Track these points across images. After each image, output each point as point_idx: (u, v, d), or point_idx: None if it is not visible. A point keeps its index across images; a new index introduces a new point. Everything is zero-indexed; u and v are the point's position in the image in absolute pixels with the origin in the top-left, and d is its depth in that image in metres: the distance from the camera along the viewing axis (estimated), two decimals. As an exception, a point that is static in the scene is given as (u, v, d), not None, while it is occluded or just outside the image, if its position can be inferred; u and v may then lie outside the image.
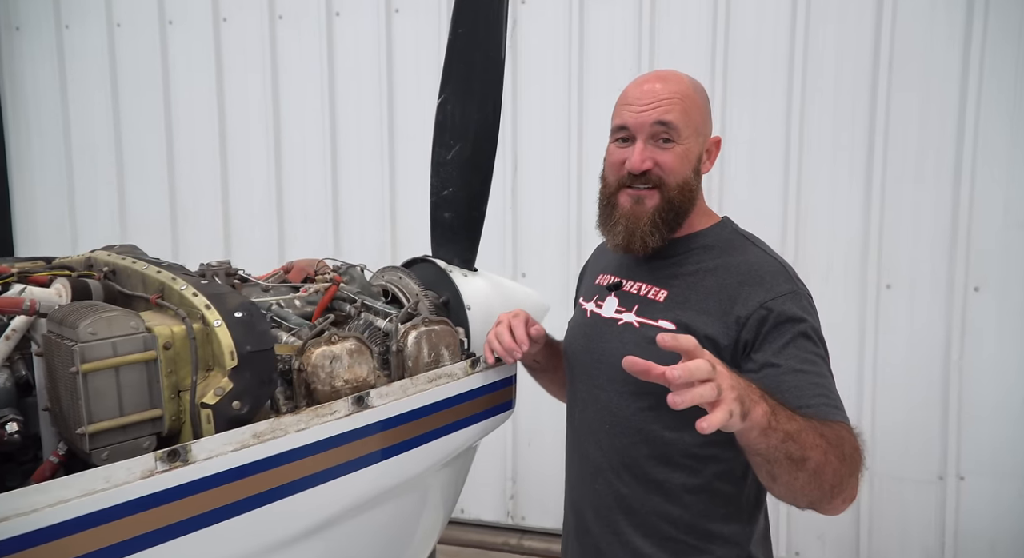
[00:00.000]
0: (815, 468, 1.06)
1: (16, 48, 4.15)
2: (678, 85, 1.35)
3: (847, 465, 1.11)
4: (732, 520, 1.32)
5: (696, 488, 1.30)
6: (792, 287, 1.28)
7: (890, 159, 3.03)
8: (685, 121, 1.33)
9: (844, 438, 1.13)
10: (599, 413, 1.40)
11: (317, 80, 3.67)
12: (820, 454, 1.07)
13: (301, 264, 1.72)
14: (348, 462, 1.22)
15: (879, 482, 3.14)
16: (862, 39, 3.02)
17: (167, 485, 1.01)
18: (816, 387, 1.20)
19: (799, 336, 1.23)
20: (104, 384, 1.06)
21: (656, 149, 1.33)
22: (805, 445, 1.06)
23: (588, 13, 3.31)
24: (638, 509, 1.33)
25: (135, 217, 4.04)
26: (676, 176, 1.33)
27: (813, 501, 1.12)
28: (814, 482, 1.08)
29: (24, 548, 0.88)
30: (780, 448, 1.04)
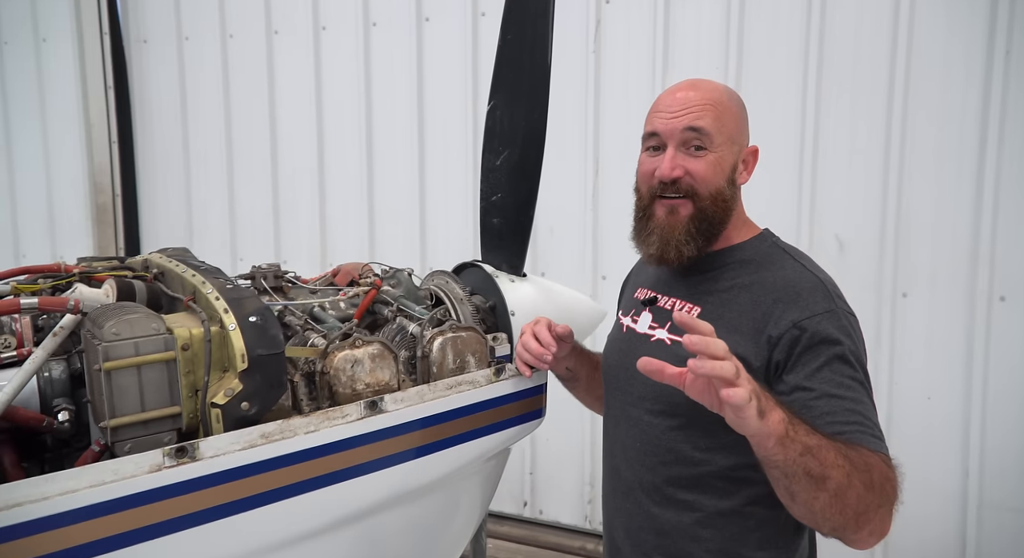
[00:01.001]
0: (836, 489, 1.02)
1: (144, 60, 4.50)
2: (711, 93, 1.31)
3: (875, 494, 1.05)
4: (768, 546, 1.26)
5: (728, 511, 1.25)
6: (829, 306, 1.21)
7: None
8: (718, 128, 1.28)
9: (873, 465, 1.06)
10: (631, 430, 1.38)
11: (406, 85, 3.78)
12: (842, 475, 1.02)
13: (348, 268, 1.77)
14: (358, 465, 1.25)
15: (992, 514, 2.90)
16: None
17: (174, 480, 1.07)
18: (851, 414, 1.13)
19: (834, 359, 1.17)
20: (126, 381, 1.13)
21: (687, 157, 1.29)
22: (825, 463, 1.02)
23: (673, 11, 3.24)
24: (668, 531, 1.30)
25: (242, 216, 4.30)
26: (708, 185, 1.29)
27: (836, 527, 1.07)
28: (836, 505, 1.03)
29: (34, 533, 0.96)
30: (799, 462, 1.01)
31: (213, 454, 1.11)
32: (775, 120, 3.08)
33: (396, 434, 1.30)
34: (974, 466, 2.89)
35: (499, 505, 3.82)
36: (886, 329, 2.99)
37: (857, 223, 3.02)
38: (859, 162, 2.98)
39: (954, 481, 2.93)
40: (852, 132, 2.99)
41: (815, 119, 3.03)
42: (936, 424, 2.94)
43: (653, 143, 1.33)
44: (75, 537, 0.99)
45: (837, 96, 3.00)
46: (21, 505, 0.96)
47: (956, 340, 2.89)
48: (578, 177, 3.45)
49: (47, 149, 4.62)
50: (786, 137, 3.07)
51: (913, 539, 3.01)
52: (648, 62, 3.29)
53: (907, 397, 2.98)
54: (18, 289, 1.40)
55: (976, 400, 2.87)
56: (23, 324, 1.35)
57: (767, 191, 3.08)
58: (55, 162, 4.61)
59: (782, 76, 3.07)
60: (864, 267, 3.01)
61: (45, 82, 4.57)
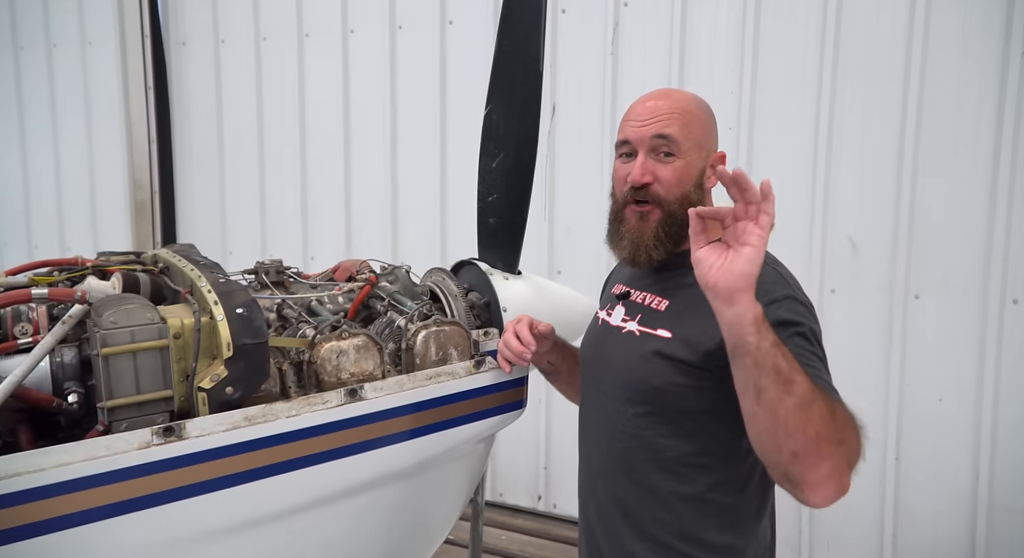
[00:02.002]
0: (801, 397, 1.03)
1: (183, 62, 4.68)
2: (679, 102, 1.37)
3: (837, 428, 1.04)
4: (727, 531, 1.31)
5: (689, 496, 1.30)
6: (789, 293, 1.25)
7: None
8: (685, 135, 1.34)
9: (839, 406, 1.08)
10: (601, 418, 1.44)
11: (430, 86, 3.87)
12: (807, 387, 1.04)
13: (347, 264, 1.87)
14: (337, 449, 1.33)
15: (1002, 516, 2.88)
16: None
17: (161, 457, 1.17)
18: (815, 378, 1.13)
19: (795, 336, 1.20)
20: (122, 366, 1.24)
21: (657, 163, 1.35)
22: (793, 366, 1.04)
23: (690, 14, 3.27)
24: (634, 512, 1.37)
25: (272, 214, 4.45)
26: (676, 190, 1.35)
27: (797, 453, 1.03)
28: (799, 418, 1.02)
29: (31, 501, 1.07)
30: (771, 352, 1.04)
31: (199, 434, 1.20)
32: (790, 121, 3.09)
33: (376, 421, 1.38)
34: (984, 468, 2.87)
35: (513, 498, 3.90)
36: (898, 330, 2.98)
37: (870, 225, 3.01)
38: (873, 163, 2.98)
39: (964, 482, 2.92)
40: (866, 133, 2.99)
41: (829, 120, 3.04)
42: (947, 426, 2.93)
43: (625, 150, 1.39)
44: (68, 506, 1.09)
45: (851, 97, 3.00)
46: (20, 475, 1.07)
47: (968, 342, 2.88)
48: (595, 178, 3.51)
49: (91, 147, 4.84)
50: (800, 138, 3.09)
51: (923, 539, 3.00)
52: (664, 64, 3.33)
53: (918, 398, 2.98)
54: (34, 280, 1.52)
55: (987, 402, 2.85)
56: (39, 313, 1.47)
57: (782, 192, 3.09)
58: (98, 159, 4.83)
59: (797, 78, 3.08)
60: (877, 269, 3.01)
61: (90, 83, 4.78)
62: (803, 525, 3.18)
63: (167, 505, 1.17)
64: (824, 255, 3.08)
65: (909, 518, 3.02)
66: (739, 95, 3.14)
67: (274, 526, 1.30)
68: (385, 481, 1.42)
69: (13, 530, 1.05)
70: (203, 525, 1.22)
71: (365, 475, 1.38)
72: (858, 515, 3.08)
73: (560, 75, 3.52)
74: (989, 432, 2.83)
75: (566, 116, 3.58)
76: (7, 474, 1.06)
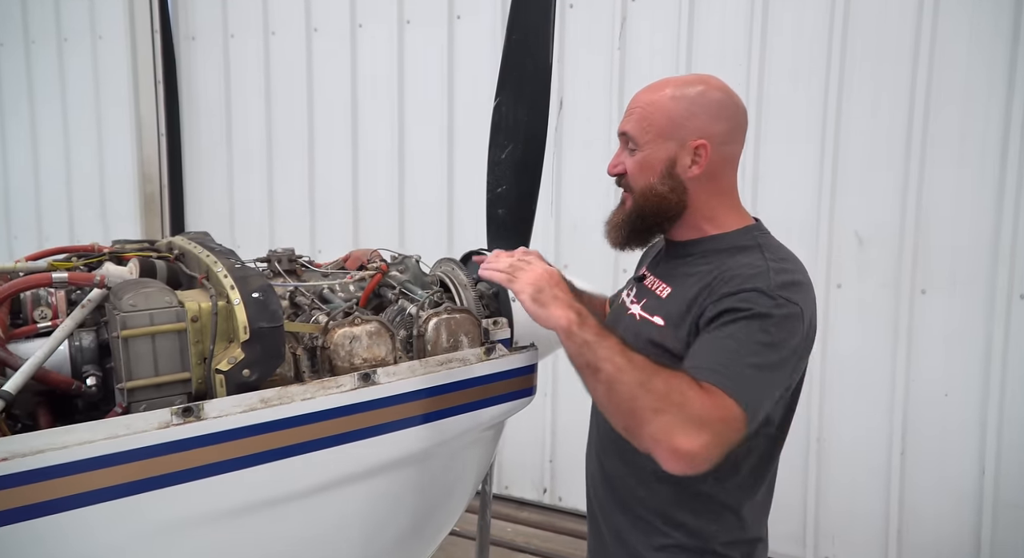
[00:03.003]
0: (607, 380, 1.16)
1: (192, 56, 4.71)
2: (654, 94, 1.39)
3: (651, 396, 1.12)
4: (701, 516, 1.35)
5: (666, 478, 1.32)
6: (760, 285, 1.23)
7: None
8: (641, 129, 1.37)
9: (664, 377, 1.14)
10: None
11: (438, 81, 3.89)
12: (612, 368, 1.15)
13: (357, 254, 1.89)
14: (351, 432, 1.36)
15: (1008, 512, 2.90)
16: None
17: (180, 437, 1.19)
18: (711, 356, 1.19)
19: (734, 321, 1.21)
20: (141, 348, 1.26)
21: (627, 154, 1.42)
22: (599, 356, 1.17)
23: (698, 8, 3.28)
24: (619, 487, 1.44)
25: (280, 207, 4.47)
26: (638, 181, 1.39)
27: (626, 427, 1.17)
28: (610, 397, 1.17)
29: (53, 477, 1.09)
30: (579, 354, 1.20)
31: (216, 415, 1.23)
32: (797, 115, 3.11)
33: (387, 405, 1.40)
34: (990, 464, 2.89)
35: (519, 491, 3.93)
36: (904, 326, 3.00)
37: (877, 219, 3.03)
38: (880, 158, 3.00)
39: (970, 478, 2.93)
40: (873, 128, 3.00)
41: (836, 114, 3.05)
42: (953, 421, 2.95)
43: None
44: (90, 483, 1.11)
45: (859, 91, 3.01)
46: (43, 452, 1.09)
47: (975, 337, 2.89)
48: (601, 173, 3.50)
49: (100, 140, 4.87)
50: (808, 133, 3.10)
51: (928, 535, 3.02)
52: (672, 59, 3.34)
53: (924, 394, 2.99)
54: (53, 266, 1.55)
55: (994, 398, 2.86)
56: (58, 298, 1.49)
57: (787, 187, 3.12)
58: (107, 153, 4.86)
59: (804, 73, 3.10)
60: (883, 263, 3.02)
61: (100, 77, 4.82)
62: (808, 519, 3.20)
63: (185, 484, 1.19)
64: (831, 250, 3.10)
65: (914, 514, 3.03)
66: (747, 90, 3.15)
67: (289, 506, 1.32)
68: (396, 465, 1.44)
69: (36, 506, 1.07)
70: (220, 505, 1.24)
71: (377, 458, 1.40)
72: (863, 510, 3.10)
73: (567, 70, 3.54)
74: (995, 428, 2.85)
75: (573, 111, 3.60)
76: (31, 451, 1.08)
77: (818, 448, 3.14)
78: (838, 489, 3.13)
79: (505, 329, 1.81)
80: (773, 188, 3.16)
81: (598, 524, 1.53)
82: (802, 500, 3.17)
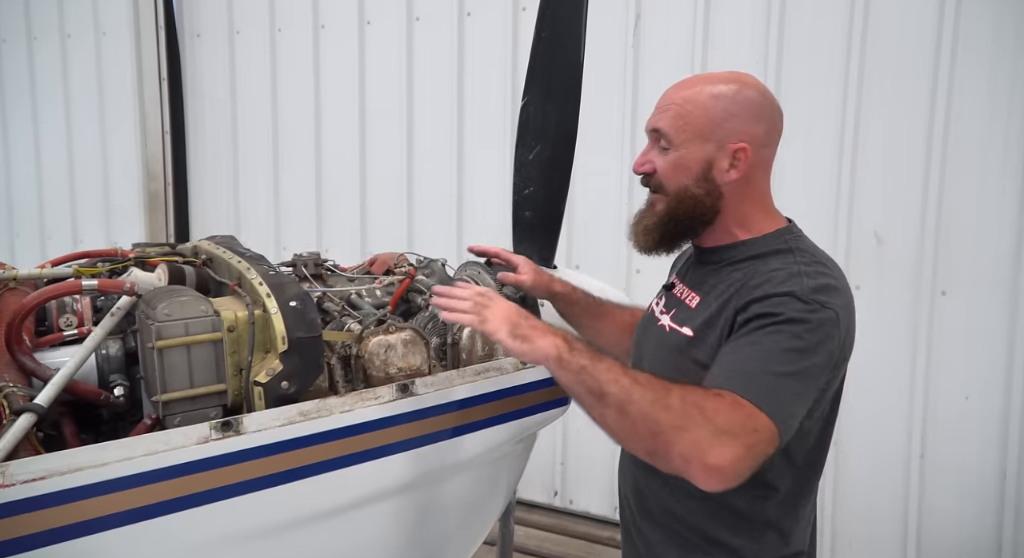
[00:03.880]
0: (617, 404, 1.08)
1: (197, 53, 4.64)
2: (690, 90, 1.31)
3: (669, 414, 1.05)
4: (741, 534, 1.29)
5: (701, 495, 1.28)
6: (794, 289, 1.17)
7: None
8: (677, 127, 1.29)
9: (678, 392, 1.06)
10: None
11: (447, 79, 3.84)
12: (620, 390, 1.08)
13: (384, 257, 1.85)
14: (390, 445, 1.32)
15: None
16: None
17: (219, 452, 1.16)
18: (734, 365, 1.13)
19: (761, 328, 1.15)
20: (176, 359, 1.22)
21: (657, 152, 1.33)
22: (602, 380, 1.10)
23: (713, 5, 3.24)
24: (651, 501, 1.38)
25: (286, 205, 4.42)
26: (670, 182, 1.32)
27: (649, 452, 1.10)
28: (623, 422, 1.08)
29: (93, 496, 1.05)
30: (578, 381, 1.12)
31: (255, 429, 1.19)
32: (815, 114, 3.06)
33: (426, 416, 1.37)
34: (1012, 467, 2.85)
35: (529, 494, 3.89)
36: (924, 327, 2.96)
37: (897, 220, 2.98)
38: (900, 156, 2.95)
39: (991, 481, 2.90)
40: (893, 127, 2.95)
41: (856, 111, 2.99)
42: (973, 424, 2.91)
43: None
44: (130, 501, 1.08)
45: (879, 90, 2.96)
46: (82, 470, 1.05)
47: (996, 339, 2.85)
48: (614, 172, 3.48)
49: (104, 137, 4.81)
50: (826, 131, 3.05)
51: (948, 539, 2.99)
52: (687, 57, 3.30)
53: (944, 396, 2.95)
54: (79, 272, 1.51)
55: (1016, 401, 2.83)
56: (83, 304, 1.45)
57: (805, 186, 3.09)
58: (111, 150, 4.80)
59: (823, 70, 3.04)
60: (903, 264, 2.98)
61: (104, 74, 4.75)
62: (825, 523, 3.17)
63: (225, 501, 1.15)
64: (849, 250, 3.06)
65: (933, 517, 3.00)
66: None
67: (327, 522, 1.28)
68: (435, 478, 1.41)
69: (76, 526, 1.04)
70: (260, 521, 1.20)
71: (417, 471, 1.36)
72: (882, 514, 3.07)
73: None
74: (1017, 431, 2.82)
75: (585, 110, 3.54)
76: (70, 468, 1.04)
77: (836, 450, 3.11)
78: (856, 492, 3.10)
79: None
80: (791, 187, 3.10)
81: (632, 537, 1.47)
82: (820, 502, 3.13)
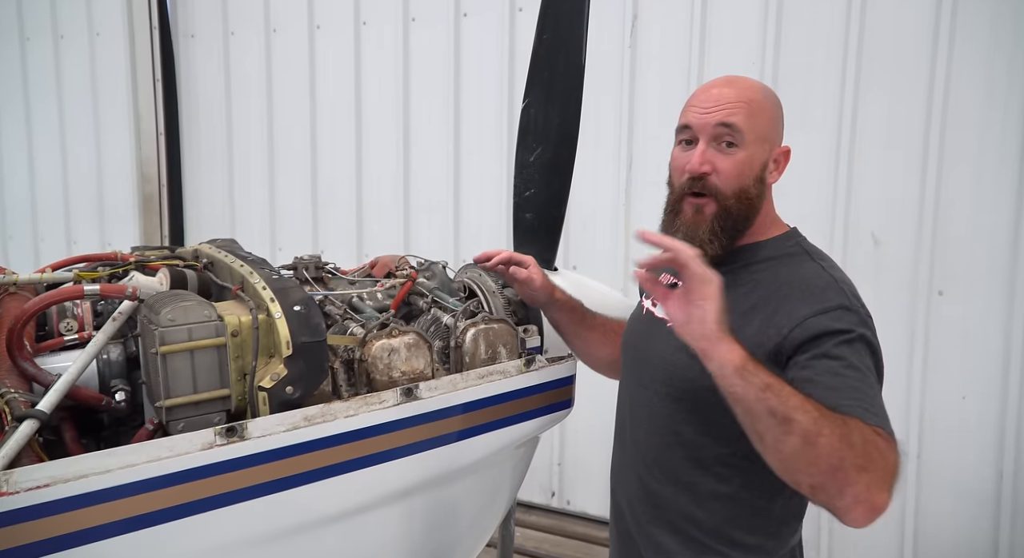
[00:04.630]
0: (804, 434, 0.99)
1: (192, 54, 4.62)
2: (746, 91, 1.32)
3: (854, 452, 0.99)
4: (759, 532, 1.30)
5: (723, 495, 1.29)
6: (843, 301, 1.21)
7: None
8: (750, 126, 1.29)
9: (854, 426, 1.02)
10: (639, 409, 1.43)
11: (443, 79, 3.83)
12: (809, 420, 0.99)
13: (385, 260, 1.84)
14: (394, 449, 1.32)
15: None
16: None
17: (224, 457, 1.15)
18: (852, 391, 1.10)
19: (842, 344, 1.15)
20: (180, 364, 1.21)
21: (717, 153, 1.30)
22: (789, 403, 1.00)
23: (710, 5, 3.24)
24: (666, 507, 1.36)
25: (281, 207, 4.40)
26: (733, 183, 1.30)
27: (816, 486, 1.02)
28: (807, 453, 1.00)
29: (97, 503, 1.04)
30: (760, 398, 1.02)
31: (260, 434, 1.18)
32: (812, 114, 3.06)
33: (430, 420, 1.36)
34: (1008, 467, 2.87)
35: (527, 495, 3.89)
36: (920, 327, 2.97)
37: (893, 220, 3.00)
38: (897, 157, 2.96)
39: (988, 482, 2.91)
40: (890, 127, 2.97)
41: (852, 113, 3.01)
42: (970, 424, 2.93)
43: (686, 136, 1.34)
44: (134, 508, 1.07)
45: (876, 90, 2.97)
46: (86, 477, 1.04)
47: (992, 339, 2.87)
48: (611, 172, 3.48)
49: (98, 139, 4.79)
50: (822, 131, 3.06)
51: (945, 540, 3.00)
52: (684, 57, 3.29)
53: (941, 396, 2.97)
54: (80, 276, 1.49)
55: (1012, 400, 2.84)
56: (84, 309, 1.44)
57: (803, 186, 3.08)
58: (105, 152, 4.78)
59: (820, 70, 3.05)
60: (899, 264, 2.99)
61: (98, 75, 4.73)
62: (823, 523, 3.18)
63: (230, 507, 1.15)
64: (846, 250, 3.07)
65: (930, 518, 3.01)
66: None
67: (333, 527, 1.28)
68: (440, 482, 1.40)
69: (81, 533, 1.03)
70: (265, 527, 1.20)
71: (421, 476, 1.36)
72: (878, 514, 3.08)
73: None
74: (1014, 431, 2.83)
75: (583, 111, 3.54)
76: (74, 476, 1.03)
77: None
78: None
79: (536, 337, 1.78)
80: (787, 187, 3.09)
81: (634, 543, 1.44)
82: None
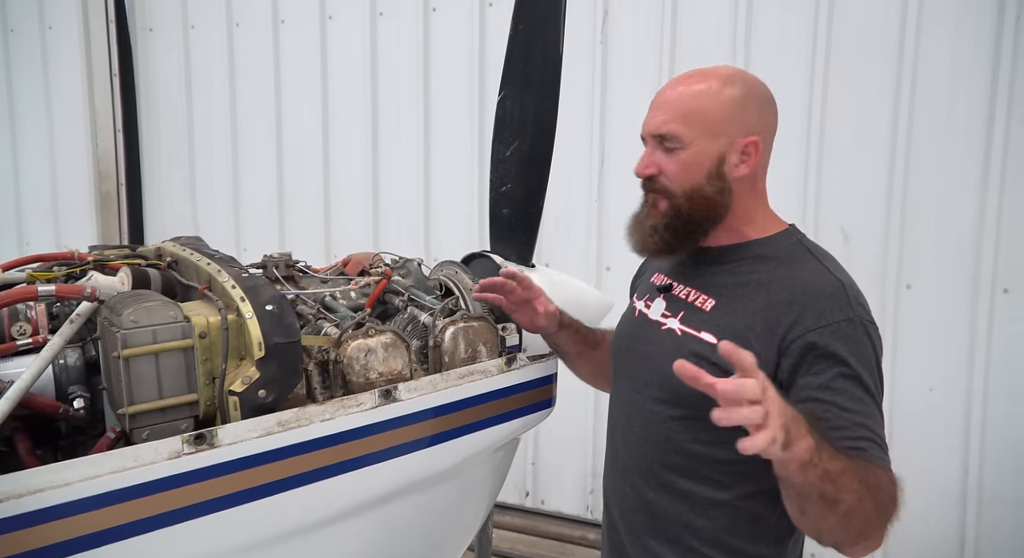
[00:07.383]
0: (846, 511, 1.05)
1: (150, 48, 4.48)
2: (692, 86, 1.28)
3: (880, 514, 1.08)
4: (760, 540, 1.27)
5: (723, 503, 1.26)
6: (848, 314, 1.18)
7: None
8: (688, 126, 1.25)
9: (883, 487, 1.08)
10: (632, 415, 1.38)
11: (412, 75, 3.77)
12: (855, 499, 1.04)
13: (358, 258, 1.78)
14: (373, 453, 1.26)
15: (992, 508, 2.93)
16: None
17: (193, 467, 1.08)
18: (861, 429, 1.12)
19: (839, 377, 1.15)
20: (144, 369, 1.14)
21: (663, 154, 1.28)
22: (841, 488, 1.03)
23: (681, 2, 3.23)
24: (662, 516, 1.31)
25: (246, 206, 4.30)
26: (681, 183, 1.27)
27: (838, 542, 1.11)
28: (842, 525, 1.07)
29: (55, 519, 0.97)
30: (816, 486, 1.03)
31: (231, 441, 1.12)
32: (781, 110, 3.06)
33: (410, 423, 1.31)
34: (974, 459, 2.90)
35: (501, 495, 3.79)
36: (889, 320, 2.99)
37: (862, 214, 3.02)
38: (865, 153, 2.99)
39: (954, 474, 2.95)
40: (858, 122, 2.99)
41: (821, 109, 3.03)
42: (937, 415, 2.96)
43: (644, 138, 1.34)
44: (96, 523, 1.00)
45: (844, 86, 2.99)
46: (42, 491, 0.97)
47: (959, 331, 2.90)
48: (583, 169, 3.46)
49: (52, 136, 4.62)
50: (792, 127, 3.07)
51: (912, 533, 3.01)
52: (655, 53, 3.29)
53: (909, 388, 2.99)
54: (34, 277, 1.41)
55: (977, 393, 2.88)
56: (38, 311, 1.36)
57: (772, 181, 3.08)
58: (60, 149, 4.61)
59: (789, 67, 3.07)
60: (868, 258, 3.01)
61: (50, 70, 4.56)
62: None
63: (201, 519, 1.08)
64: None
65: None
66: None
67: (309, 536, 1.22)
68: (421, 485, 1.35)
69: (37, 551, 0.96)
70: (238, 539, 1.13)
71: (401, 480, 1.31)
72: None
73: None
74: (979, 423, 2.87)
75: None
76: (28, 490, 0.96)
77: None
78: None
79: (514, 335, 1.73)
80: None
81: (626, 553, 1.39)
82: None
